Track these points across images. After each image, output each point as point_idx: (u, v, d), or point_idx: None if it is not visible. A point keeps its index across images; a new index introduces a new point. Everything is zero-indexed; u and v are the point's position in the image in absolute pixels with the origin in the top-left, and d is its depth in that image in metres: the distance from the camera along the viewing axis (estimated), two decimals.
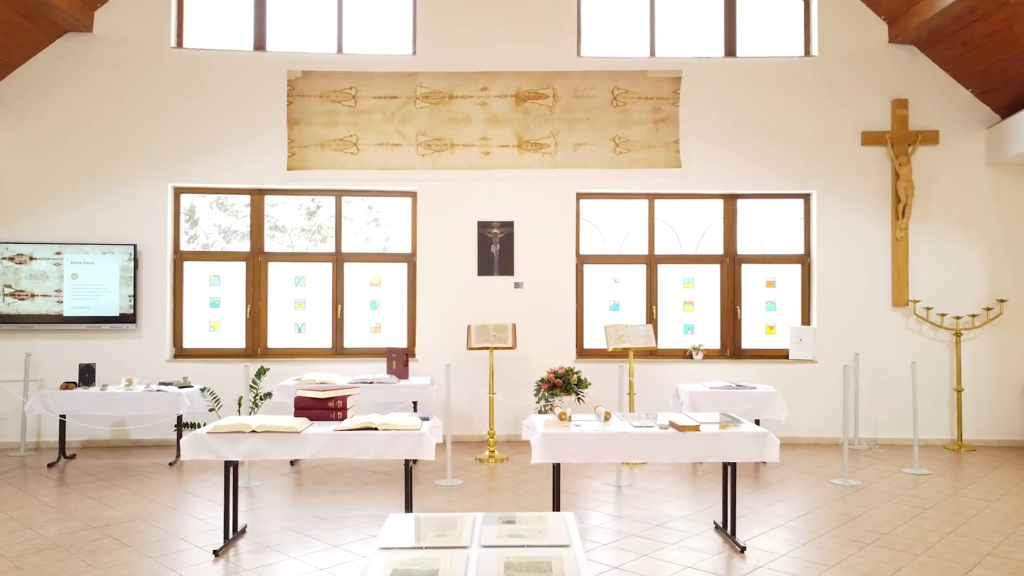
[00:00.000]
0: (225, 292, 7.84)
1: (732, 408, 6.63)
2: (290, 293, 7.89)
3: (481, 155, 7.79)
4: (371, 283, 7.95)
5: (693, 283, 8.00)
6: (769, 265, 7.99)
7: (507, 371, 7.61)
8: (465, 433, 7.72)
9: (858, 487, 5.92)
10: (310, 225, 7.98)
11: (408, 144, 7.77)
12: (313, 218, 7.99)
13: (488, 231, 7.77)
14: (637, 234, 8.00)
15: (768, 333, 7.98)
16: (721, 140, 7.81)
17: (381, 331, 7.92)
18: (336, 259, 7.89)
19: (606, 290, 7.98)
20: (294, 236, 7.95)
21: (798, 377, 7.71)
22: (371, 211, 8.05)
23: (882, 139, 7.72)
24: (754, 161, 7.81)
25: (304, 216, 7.99)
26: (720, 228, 8.01)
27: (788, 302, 7.97)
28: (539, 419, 4.66)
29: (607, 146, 7.81)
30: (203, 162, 7.67)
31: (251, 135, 7.69)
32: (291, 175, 7.72)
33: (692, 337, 7.95)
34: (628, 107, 7.82)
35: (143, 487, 5.90)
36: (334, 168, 7.74)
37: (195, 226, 7.91)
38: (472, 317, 7.63)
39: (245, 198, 7.89)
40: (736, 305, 7.94)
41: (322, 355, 7.82)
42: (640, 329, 6.93)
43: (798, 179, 7.83)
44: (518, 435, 7.65)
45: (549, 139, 7.81)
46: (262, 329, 7.82)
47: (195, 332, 7.80)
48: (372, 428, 4.29)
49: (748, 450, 4.30)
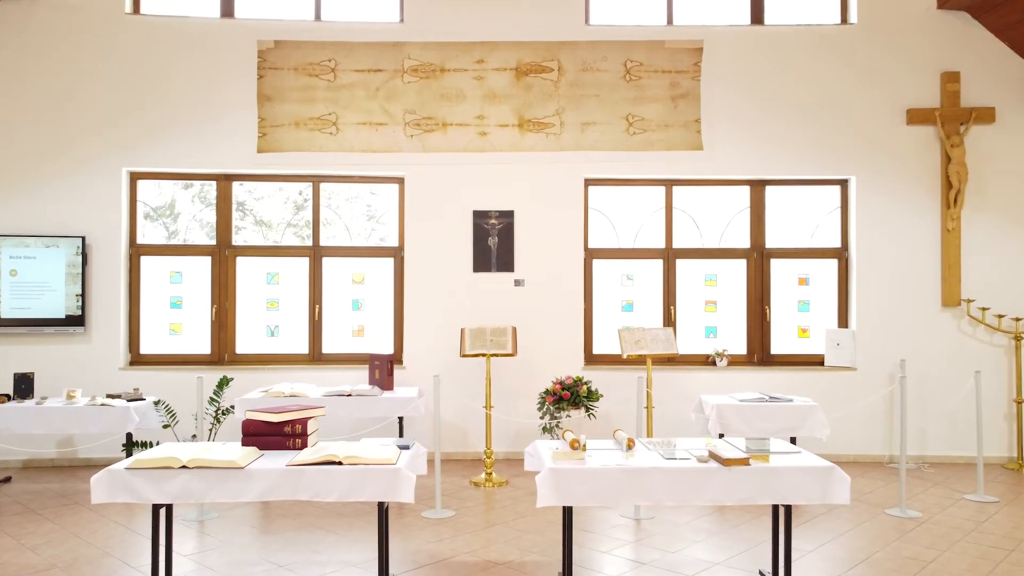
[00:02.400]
0: (188, 291, 6.94)
1: (766, 425, 5.75)
2: (261, 292, 6.99)
3: (477, 136, 6.89)
4: (353, 280, 7.05)
5: (716, 280, 7.10)
6: (802, 260, 7.09)
7: (506, 380, 6.72)
8: (459, 451, 6.82)
9: (920, 520, 5.03)
10: (297, 220, 7.08)
11: (394, 124, 6.87)
12: (301, 212, 7.09)
13: (485, 222, 6.88)
14: (653, 225, 7.11)
15: (801, 337, 7.08)
16: (748, 119, 6.91)
17: (364, 335, 7.02)
18: (313, 253, 6.99)
19: (618, 288, 7.09)
20: (279, 232, 7.04)
21: (835, 386, 6.81)
22: (354, 199, 7.15)
23: (930, 117, 6.82)
24: (785, 143, 6.92)
25: (291, 210, 7.08)
26: (746, 218, 7.11)
27: (823, 302, 7.08)
28: (545, 447, 3.77)
29: (619, 126, 6.91)
30: (162, 144, 6.76)
31: (217, 113, 6.79)
32: (262, 158, 6.82)
33: (715, 341, 7.05)
34: (643, 82, 6.92)
35: (77, 520, 5.00)
36: (311, 150, 6.84)
37: (176, 221, 7.00)
38: (467, 319, 6.74)
39: (229, 187, 6.98)
40: (764, 305, 7.04)
41: (297, 362, 6.93)
42: (659, 333, 6.03)
43: (835, 163, 6.93)
44: (518, 452, 6.76)
45: (553, 118, 6.91)
46: (229, 333, 6.92)
47: (154, 336, 6.90)
48: (335, 462, 3.39)
49: (810, 490, 3.40)
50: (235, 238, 7.00)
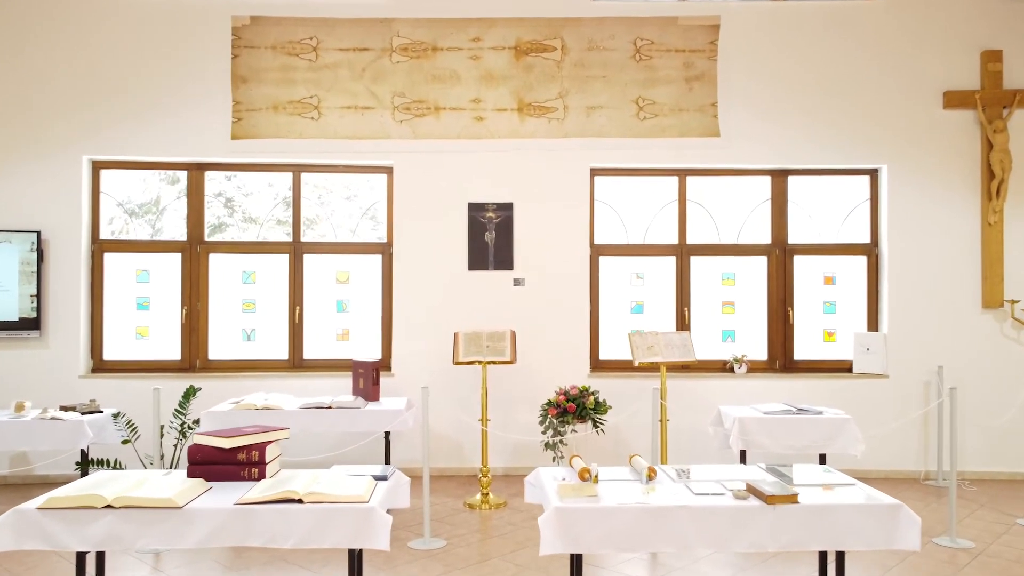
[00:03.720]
0: (156, 291, 6.34)
1: (794, 440, 5.16)
2: (237, 292, 6.39)
3: (473, 121, 6.29)
4: (337, 279, 6.45)
5: (734, 279, 6.49)
6: (828, 257, 6.49)
7: (505, 388, 6.12)
8: (452, 466, 6.22)
9: (974, 552, 4.42)
10: (287, 216, 6.47)
11: (382, 107, 6.27)
12: (292, 209, 6.48)
13: (481, 215, 6.28)
14: (665, 219, 6.50)
15: (827, 341, 6.47)
16: (769, 102, 6.31)
17: (349, 339, 6.42)
18: (293, 250, 6.39)
19: (627, 288, 6.48)
20: (267, 229, 6.44)
21: (865, 395, 6.21)
22: (338, 190, 6.55)
23: (970, 100, 6.21)
24: (810, 129, 6.31)
25: (282, 206, 6.47)
26: (767, 211, 6.51)
27: (851, 302, 6.47)
28: (550, 478, 3.16)
29: (628, 110, 6.31)
30: (127, 130, 6.16)
31: (187, 96, 6.19)
32: (237, 145, 6.21)
33: (733, 346, 6.45)
34: (654, 62, 6.31)
35: (11, 555, 4.39)
36: (290, 136, 6.24)
37: (160, 217, 6.38)
38: (461, 322, 6.13)
39: (216, 179, 6.38)
40: (787, 306, 6.44)
41: (276, 369, 6.32)
42: (675, 338, 5.42)
43: (864, 151, 6.32)
44: (518, 468, 6.16)
45: (556, 101, 6.30)
46: (201, 337, 6.32)
47: (118, 341, 6.29)
48: (295, 500, 2.79)
49: (873, 533, 2.80)
50: (222, 236, 6.40)
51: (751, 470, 3.31)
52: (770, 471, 3.30)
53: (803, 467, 3.31)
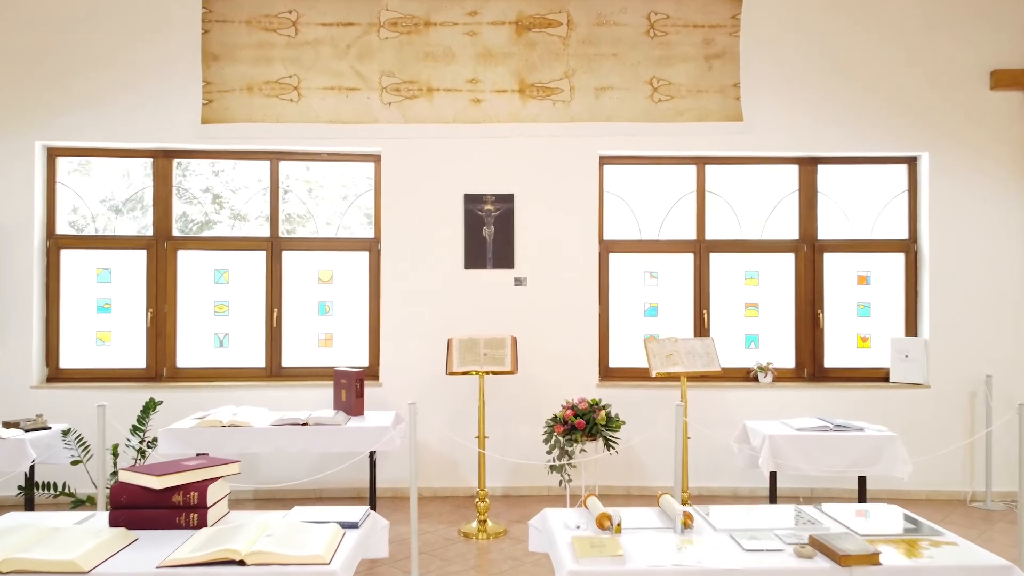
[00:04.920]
0: (119, 291, 5.73)
1: (832, 461, 4.56)
2: (208, 292, 5.78)
3: (469, 104, 5.68)
4: (319, 279, 5.84)
5: (758, 278, 5.88)
6: (862, 254, 5.88)
7: (505, 399, 5.51)
8: (447, 486, 5.61)
9: None
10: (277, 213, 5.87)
11: (369, 89, 5.65)
12: (282, 206, 5.86)
13: (479, 208, 5.67)
14: (682, 212, 5.89)
15: (860, 347, 5.86)
16: (797, 83, 5.70)
17: (333, 345, 5.81)
18: (271, 246, 5.78)
19: (640, 288, 5.87)
20: (257, 225, 5.82)
21: (903, 408, 5.61)
22: (330, 185, 5.93)
23: (1020, 80, 5.60)
24: (842, 112, 5.70)
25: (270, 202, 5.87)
26: (795, 204, 5.90)
27: (888, 304, 5.86)
28: (560, 525, 2.55)
29: (641, 91, 5.70)
30: (86, 114, 5.55)
31: (152, 76, 5.58)
32: (208, 130, 5.60)
33: (757, 352, 5.84)
34: (670, 38, 5.70)
35: None
36: (267, 120, 5.62)
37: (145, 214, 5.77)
38: (456, 326, 5.53)
39: (203, 173, 5.77)
40: (816, 308, 5.83)
41: (252, 377, 5.71)
42: (697, 345, 4.81)
43: (902, 136, 5.71)
44: (519, 489, 5.56)
45: (562, 82, 5.69)
46: (169, 342, 5.70)
47: (76, 347, 5.68)
48: (235, 562, 2.18)
49: None
50: (211, 232, 5.79)
51: (805, 513, 2.70)
52: (820, 512, 2.69)
53: (871, 511, 2.70)
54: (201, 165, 5.83)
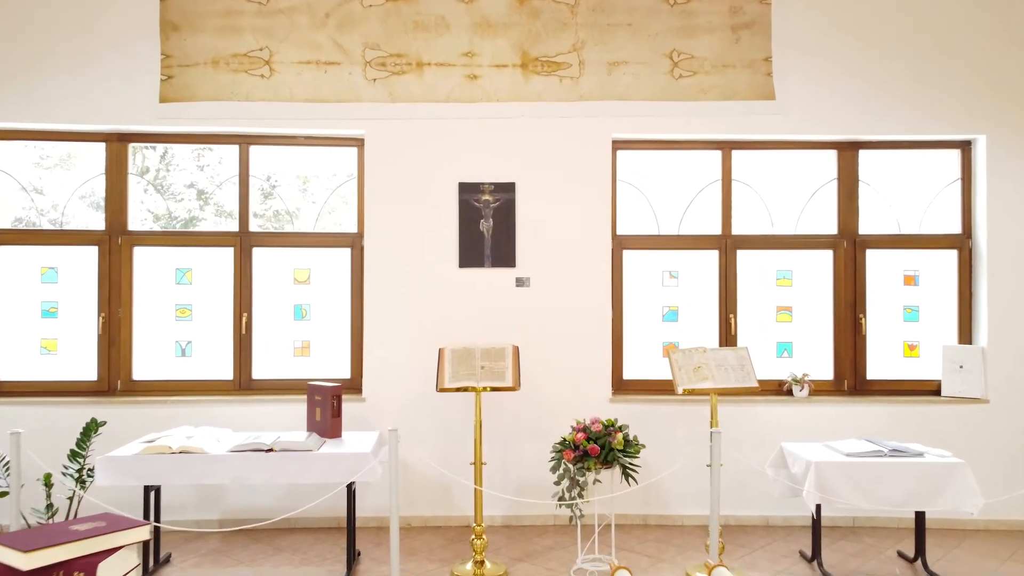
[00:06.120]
0: (67, 293, 5.05)
1: (890, 493, 3.95)
2: (169, 294, 5.10)
3: (465, 80, 5.00)
4: (295, 279, 5.16)
5: (791, 279, 5.21)
6: (909, 250, 5.20)
7: (504, 414, 4.84)
8: (439, 514, 4.93)
9: None
10: (263, 210, 5.20)
11: (351, 63, 4.98)
12: (269, 200, 5.19)
13: (475, 198, 4.99)
14: (705, 204, 5.22)
15: (907, 356, 5.19)
16: (836, 57, 5.03)
17: (310, 354, 5.13)
18: (240, 241, 5.09)
19: (658, 290, 5.20)
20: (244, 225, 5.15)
21: (957, 425, 4.94)
22: (323, 177, 5.25)
23: None
24: (886, 90, 5.03)
25: (257, 198, 5.18)
26: (833, 194, 5.22)
27: (939, 308, 5.19)
28: None
29: (660, 67, 5.02)
30: (23, 91, 4.87)
31: (103, 48, 4.90)
32: (167, 110, 4.92)
33: (790, 362, 5.16)
34: (693, 5, 5.02)
35: None
36: (235, 99, 4.95)
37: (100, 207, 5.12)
38: (450, 333, 4.85)
39: (187, 168, 5.08)
40: (858, 313, 5.15)
41: (218, 391, 5.02)
42: (729, 357, 4.13)
43: (955, 117, 5.04)
44: (521, 518, 4.89)
45: (570, 55, 5.01)
46: (124, 351, 5.02)
47: (18, 356, 5.00)
48: None
49: None
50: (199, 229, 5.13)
51: None
52: None
53: None
54: (185, 159, 5.15)
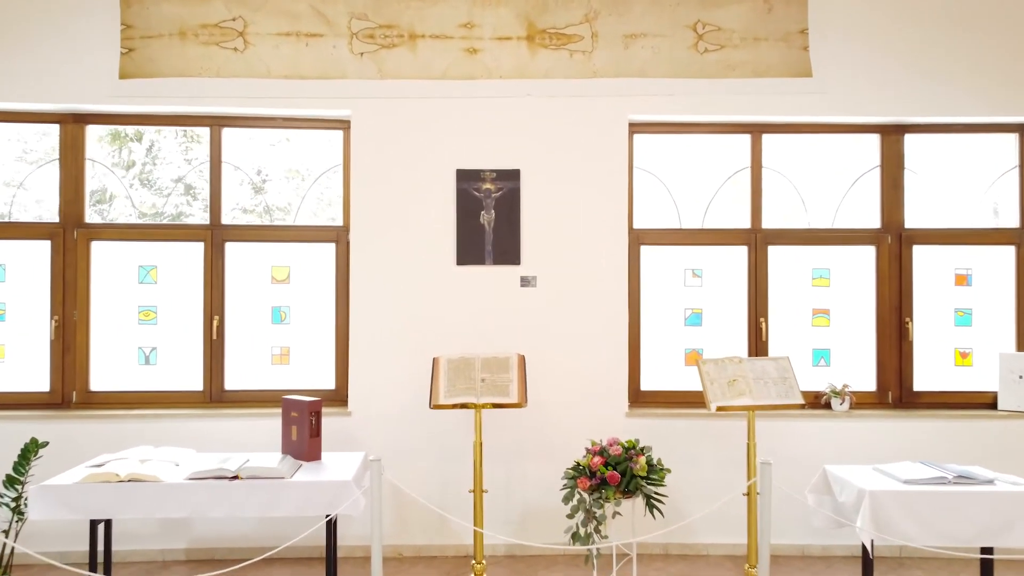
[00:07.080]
0: (14, 293, 4.50)
1: (958, 528, 3.39)
2: (131, 295, 4.55)
3: (463, 55, 4.45)
4: (273, 278, 4.60)
5: (828, 278, 4.66)
6: (961, 246, 4.65)
7: (507, 430, 4.29)
8: (434, 543, 4.38)
9: None
10: (254, 205, 4.65)
11: (335, 35, 4.42)
12: (260, 195, 4.64)
13: (475, 187, 4.44)
14: (732, 194, 4.67)
15: (959, 364, 4.64)
16: (880, 30, 4.48)
17: (289, 362, 4.57)
18: (211, 235, 4.54)
19: (680, 290, 4.64)
20: (236, 221, 4.60)
21: (1016, 442, 4.39)
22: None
23: None
24: (936, 66, 4.48)
25: (248, 192, 4.64)
26: (875, 183, 4.67)
27: (995, 311, 4.64)
28: None
29: (682, 39, 4.47)
30: None
31: (56, 18, 4.36)
32: (128, 87, 4.37)
33: (828, 372, 4.61)
34: None
35: None
36: (205, 75, 4.40)
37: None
38: (446, 340, 4.31)
39: (175, 162, 4.53)
40: (904, 316, 4.60)
41: (186, 403, 4.47)
42: (769, 368, 3.58)
43: (1012, 97, 4.49)
44: (527, 548, 4.34)
45: (582, 27, 4.46)
46: (80, 359, 4.47)
47: None
48: None
49: None
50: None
51: None
52: None
53: None
54: (172, 152, 4.61)
